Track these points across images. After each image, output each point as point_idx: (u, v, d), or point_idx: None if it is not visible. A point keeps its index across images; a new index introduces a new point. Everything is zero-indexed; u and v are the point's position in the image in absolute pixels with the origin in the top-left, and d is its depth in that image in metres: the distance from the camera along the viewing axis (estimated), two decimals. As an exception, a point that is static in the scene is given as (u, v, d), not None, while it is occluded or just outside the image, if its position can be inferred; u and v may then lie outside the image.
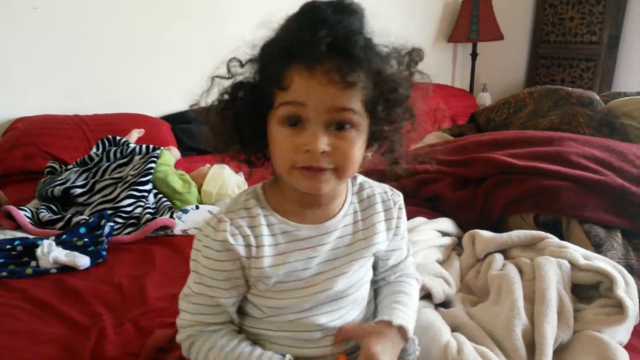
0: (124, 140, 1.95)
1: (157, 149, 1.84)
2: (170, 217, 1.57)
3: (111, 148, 1.89)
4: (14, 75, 2.21)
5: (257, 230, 0.69)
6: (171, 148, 2.12)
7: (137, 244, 1.47)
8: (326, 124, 0.62)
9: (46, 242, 1.35)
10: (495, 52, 3.52)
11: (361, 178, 0.79)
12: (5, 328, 1.06)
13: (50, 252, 1.31)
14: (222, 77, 0.67)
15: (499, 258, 1.08)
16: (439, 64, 3.61)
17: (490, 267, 1.05)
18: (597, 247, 1.13)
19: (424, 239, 1.15)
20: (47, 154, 2.05)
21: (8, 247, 1.37)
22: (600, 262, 0.97)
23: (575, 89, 1.82)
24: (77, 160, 1.86)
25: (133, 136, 2.11)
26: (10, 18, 2.15)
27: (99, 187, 1.70)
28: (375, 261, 0.82)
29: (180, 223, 1.58)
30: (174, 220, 1.57)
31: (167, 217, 1.56)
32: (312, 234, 0.71)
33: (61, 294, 1.20)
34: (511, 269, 1.00)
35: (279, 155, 0.65)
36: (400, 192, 0.81)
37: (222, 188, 1.77)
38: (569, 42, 3.27)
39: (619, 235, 1.18)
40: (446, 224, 1.26)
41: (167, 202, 1.68)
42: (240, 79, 0.67)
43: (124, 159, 1.82)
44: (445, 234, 1.23)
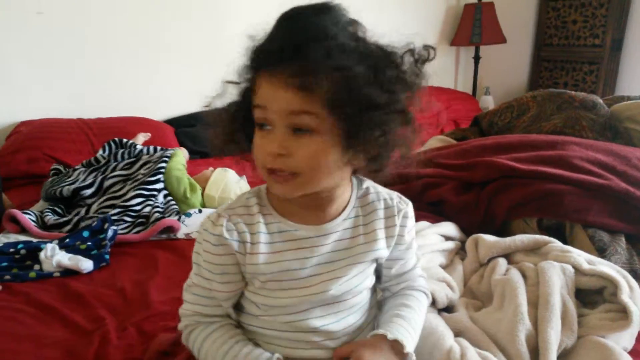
0: (130, 143, 1.94)
1: (170, 150, 1.84)
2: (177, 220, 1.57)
3: (118, 150, 1.89)
4: (18, 79, 2.22)
5: (253, 228, 0.70)
6: (182, 149, 2.10)
7: (140, 248, 1.47)
8: (288, 128, 0.62)
9: (49, 245, 1.35)
10: (498, 55, 3.51)
11: (368, 183, 0.78)
12: (8, 332, 1.06)
13: (54, 256, 1.31)
14: (232, 82, 0.69)
15: (502, 262, 1.08)
16: (441, 67, 3.61)
17: (493, 271, 1.05)
18: (601, 252, 1.13)
19: (427, 243, 1.15)
20: (51, 158, 2.05)
21: (11, 251, 1.37)
22: (604, 266, 0.97)
23: (579, 93, 1.81)
24: (84, 162, 1.84)
25: (139, 140, 2.11)
26: (15, 23, 2.17)
27: (107, 185, 1.70)
28: (379, 269, 0.81)
29: (184, 227, 1.58)
30: (180, 223, 1.57)
31: (174, 219, 1.56)
32: (310, 235, 0.71)
33: (64, 297, 1.20)
34: (515, 274, 1.00)
35: (255, 156, 0.67)
36: (409, 201, 0.79)
37: (224, 192, 1.75)
38: (572, 46, 3.26)
39: (623, 239, 1.17)
40: (449, 228, 1.26)
41: (175, 206, 1.67)
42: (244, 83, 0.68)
43: (131, 159, 1.81)
44: (448, 238, 1.23)
